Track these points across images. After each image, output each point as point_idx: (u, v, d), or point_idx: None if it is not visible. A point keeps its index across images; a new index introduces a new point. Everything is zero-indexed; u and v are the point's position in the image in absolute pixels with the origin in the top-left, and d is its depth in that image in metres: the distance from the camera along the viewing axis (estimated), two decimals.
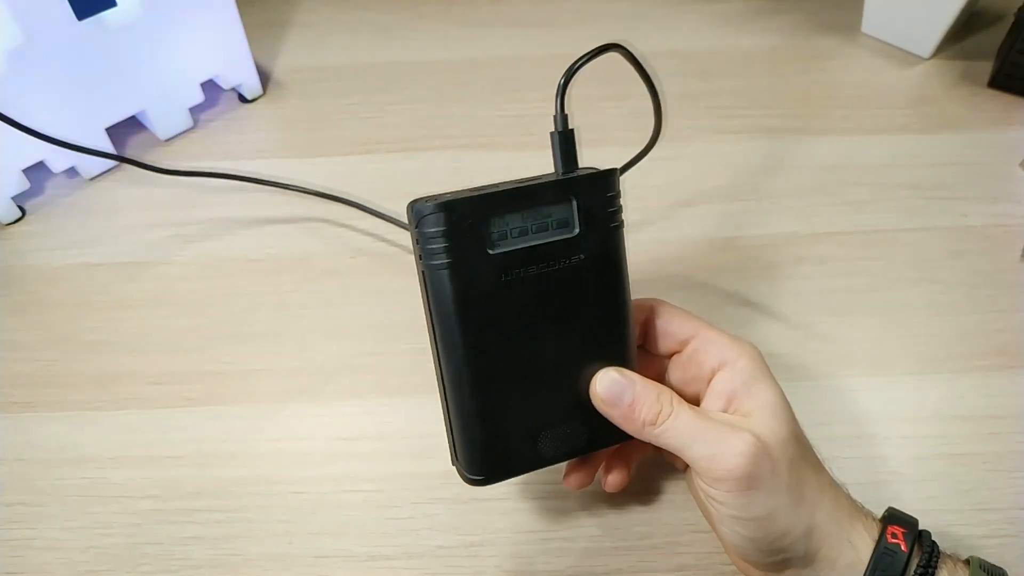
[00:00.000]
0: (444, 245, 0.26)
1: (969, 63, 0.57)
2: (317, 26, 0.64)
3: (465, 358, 0.28)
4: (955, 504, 0.35)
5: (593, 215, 0.28)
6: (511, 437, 0.29)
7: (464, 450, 0.29)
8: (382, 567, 0.34)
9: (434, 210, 0.26)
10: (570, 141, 0.29)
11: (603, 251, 0.29)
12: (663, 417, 0.28)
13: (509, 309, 0.28)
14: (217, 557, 0.35)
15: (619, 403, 0.28)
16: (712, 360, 0.30)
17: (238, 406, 0.40)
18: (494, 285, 0.27)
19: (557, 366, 0.29)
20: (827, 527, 0.28)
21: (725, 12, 0.63)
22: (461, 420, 0.29)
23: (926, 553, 0.28)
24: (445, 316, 0.27)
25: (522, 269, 0.28)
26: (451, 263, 0.27)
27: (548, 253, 0.28)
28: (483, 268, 0.27)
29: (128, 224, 0.49)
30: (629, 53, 0.30)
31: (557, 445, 0.30)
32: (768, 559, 0.28)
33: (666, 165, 0.51)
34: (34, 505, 0.36)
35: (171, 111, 0.53)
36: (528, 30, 0.62)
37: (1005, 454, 0.37)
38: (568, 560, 0.34)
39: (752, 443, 0.27)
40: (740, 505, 0.27)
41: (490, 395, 0.28)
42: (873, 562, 0.27)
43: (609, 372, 0.29)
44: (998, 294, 0.43)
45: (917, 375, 0.40)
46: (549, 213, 0.28)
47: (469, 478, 0.29)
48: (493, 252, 0.27)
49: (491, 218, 0.27)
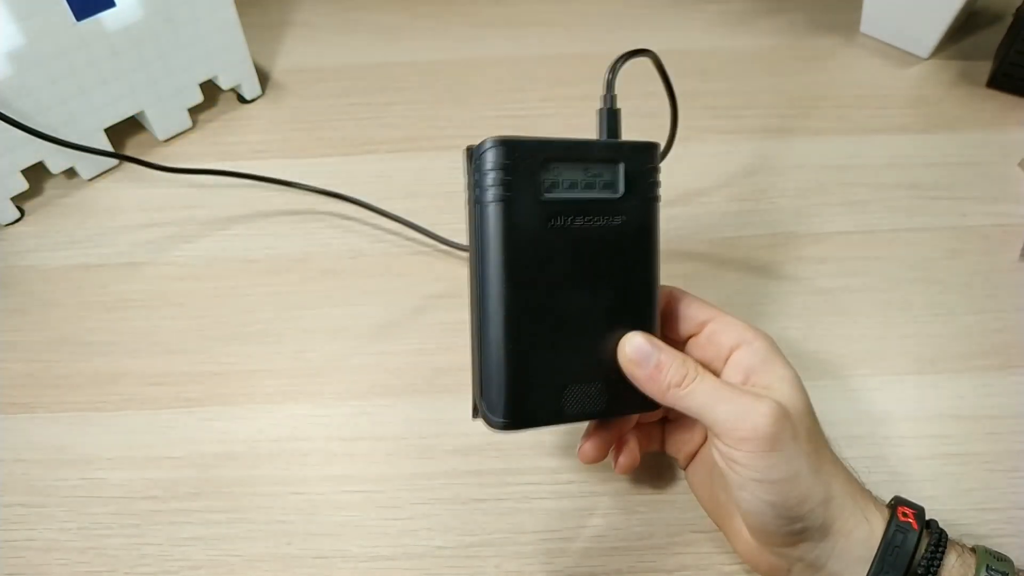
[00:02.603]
0: (500, 179, 0.28)
1: (968, 63, 0.57)
2: (316, 26, 0.64)
3: (505, 296, 0.28)
4: (955, 504, 0.35)
5: (636, 182, 0.30)
6: (538, 386, 0.29)
7: (491, 392, 0.29)
8: (382, 567, 0.34)
9: (494, 145, 0.28)
10: (615, 119, 0.31)
11: (641, 218, 0.30)
12: (688, 380, 0.29)
13: (552, 255, 0.29)
14: (216, 558, 0.35)
15: (646, 363, 0.29)
16: (730, 340, 0.31)
17: (238, 407, 0.40)
18: (542, 228, 0.28)
19: (589, 322, 0.30)
20: (843, 499, 0.28)
21: (725, 12, 0.63)
22: (491, 361, 0.29)
23: (935, 536, 0.28)
24: (489, 252, 0.28)
25: (569, 219, 0.29)
26: (504, 199, 0.28)
27: (593, 208, 0.29)
28: (534, 209, 0.28)
29: (127, 224, 0.49)
30: (658, 61, 0.34)
31: (581, 403, 0.30)
32: (786, 527, 0.28)
33: (665, 165, 0.50)
34: (33, 506, 0.36)
35: (170, 111, 0.53)
36: (528, 30, 0.62)
37: (1004, 454, 0.37)
38: (568, 560, 0.34)
39: (775, 406, 0.27)
40: (763, 467, 0.27)
41: (523, 338, 0.29)
42: (887, 538, 0.28)
43: (638, 335, 0.30)
44: (997, 294, 0.43)
45: (916, 375, 0.40)
46: (598, 172, 0.29)
47: (493, 421, 0.29)
48: (543, 198, 0.28)
49: (547, 163, 0.28)
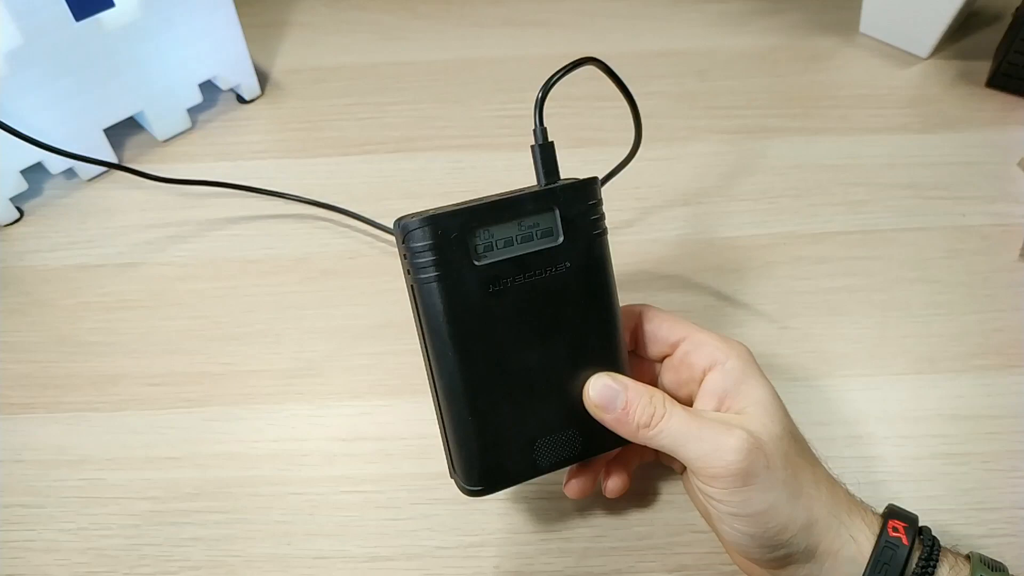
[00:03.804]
0: (431, 259, 0.27)
1: (967, 63, 0.57)
2: (315, 27, 0.64)
3: (457, 370, 0.28)
4: (954, 504, 0.35)
5: (576, 223, 0.29)
6: (507, 447, 0.29)
7: (461, 462, 0.29)
8: (381, 568, 0.34)
9: (420, 224, 0.27)
10: (550, 153, 0.30)
11: (588, 258, 0.29)
12: (656, 419, 0.28)
13: (499, 319, 0.28)
14: (216, 558, 0.35)
15: (612, 407, 0.29)
16: (703, 361, 0.30)
17: (237, 407, 0.40)
18: (482, 296, 0.28)
19: (550, 374, 0.29)
20: (826, 521, 0.28)
21: (724, 12, 0.63)
22: (456, 432, 0.29)
23: (927, 548, 0.28)
24: (435, 328, 0.28)
25: (509, 279, 0.28)
26: (439, 276, 0.27)
27: (534, 262, 0.28)
28: (470, 279, 0.28)
29: (126, 225, 0.49)
30: (605, 66, 0.31)
31: (554, 453, 0.30)
32: (769, 555, 0.28)
33: (665, 165, 0.51)
34: (33, 506, 0.36)
35: (169, 112, 0.53)
36: (527, 30, 0.62)
37: (1004, 454, 0.37)
38: (568, 561, 0.34)
39: (745, 439, 0.27)
40: (737, 502, 0.27)
41: (484, 406, 0.28)
42: (875, 556, 0.27)
43: (602, 377, 0.29)
44: (996, 293, 0.43)
45: (915, 375, 0.40)
46: (533, 223, 0.28)
47: (467, 489, 0.30)
48: (479, 263, 0.28)
49: (476, 230, 0.28)
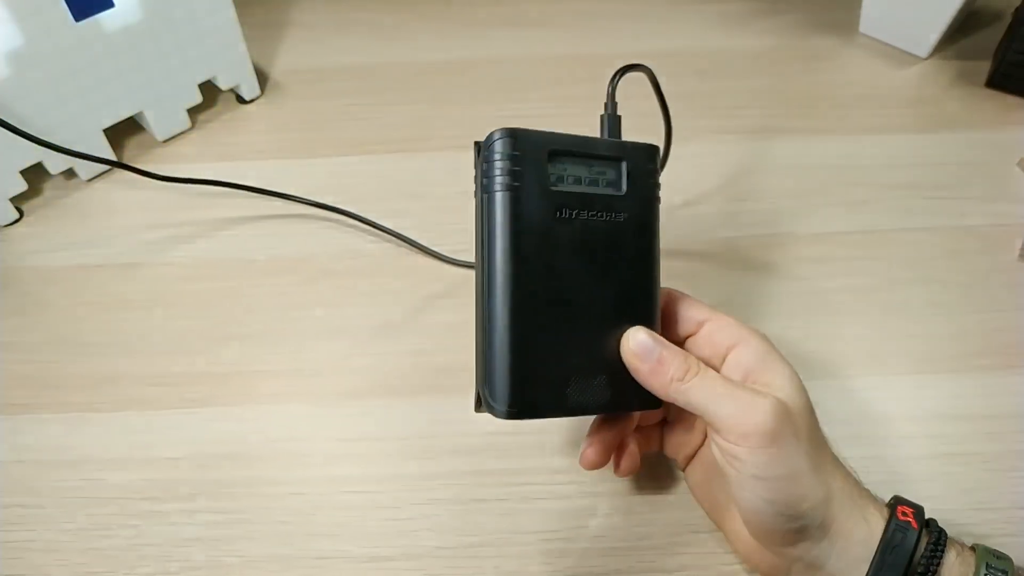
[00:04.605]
0: (509, 168, 0.28)
1: (966, 63, 0.58)
2: (315, 27, 0.64)
3: (512, 285, 0.28)
4: (954, 504, 0.35)
5: (638, 181, 0.31)
6: (543, 376, 0.29)
7: (496, 380, 0.29)
8: (381, 568, 0.34)
9: (503, 135, 0.28)
10: (617, 124, 0.32)
11: (643, 216, 0.31)
12: (691, 375, 0.29)
13: (558, 246, 0.29)
14: (216, 559, 0.35)
15: (649, 358, 0.29)
16: (727, 339, 0.31)
17: (237, 407, 0.40)
18: (549, 218, 0.29)
19: (593, 315, 0.30)
20: (842, 498, 0.28)
21: (724, 12, 0.63)
22: (498, 349, 0.29)
23: (935, 534, 0.28)
24: (499, 239, 0.28)
25: (574, 212, 0.29)
26: (513, 187, 0.28)
27: (598, 204, 0.30)
28: (541, 199, 0.29)
29: (126, 225, 0.49)
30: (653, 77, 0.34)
31: (584, 396, 0.30)
32: (786, 526, 0.28)
33: (665, 165, 0.51)
34: (32, 507, 0.36)
35: (169, 112, 0.53)
36: (528, 30, 0.62)
37: (1004, 454, 0.37)
38: (568, 561, 0.34)
39: (776, 402, 0.28)
40: (763, 463, 0.27)
41: (530, 328, 0.29)
42: (886, 538, 0.28)
43: (641, 330, 0.30)
44: (996, 293, 0.43)
45: (916, 375, 0.40)
46: (602, 170, 0.30)
47: (499, 410, 0.29)
48: (552, 188, 0.29)
49: (554, 156, 0.29)
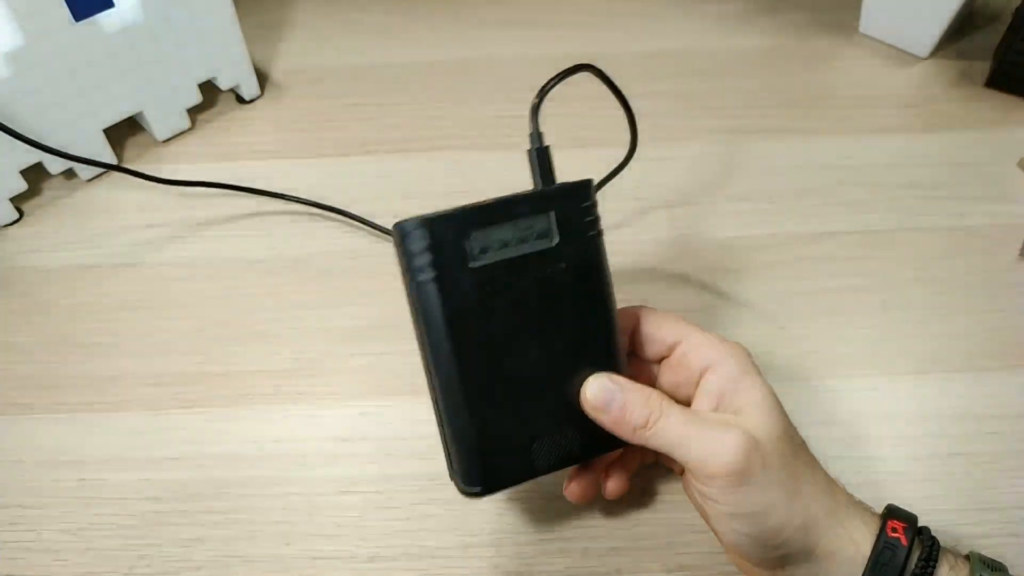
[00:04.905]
0: (427, 260, 0.27)
1: (966, 63, 0.57)
2: (315, 27, 0.64)
3: (455, 371, 0.28)
4: (954, 504, 0.35)
5: (571, 225, 0.29)
6: (505, 448, 0.29)
7: (459, 463, 0.29)
8: (381, 568, 0.34)
9: (416, 227, 0.27)
10: (546, 157, 0.30)
11: (583, 260, 0.29)
12: (652, 420, 0.28)
13: (495, 320, 0.28)
14: (216, 559, 0.35)
15: (609, 408, 0.29)
16: (700, 362, 0.30)
17: (237, 407, 0.40)
18: (478, 297, 0.28)
19: (547, 375, 0.29)
20: (824, 521, 0.28)
21: (724, 12, 0.63)
22: (454, 433, 0.29)
23: (926, 548, 0.28)
24: (433, 330, 0.28)
25: (505, 280, 0.28)
26: (435, 277, 0.27)
27: (530, 264, 0.28)
28: (466, 281, 0.28)
29: (126, 225, 0.49)
30: (601, 73, 0.32)
31: (552, 454, 0.30)
32: (767, 555, 0.28)
33: (665, 165, 0.51)
34: (32, 507, 0.36)
35: (169, 112, 0.53)
36: (528, 30, 0.62)
37: (1004, 454, 0.37)
38: (568, 560, 0.34)
39: (742, 439, 0.27)
40: (734, 501, 0.27)
41: (481, 407, 0.29)
42: (874, 557, 0.27)
43: (599, 378, 0.29)
44: (996, 293, 0.43)
45: (915, 375, 0.40)
46: (529, 225, 0.29)
47: (466, 490, 0.30)
48: (475, 265, 0.28)
49: (471, 232, 0.28)
